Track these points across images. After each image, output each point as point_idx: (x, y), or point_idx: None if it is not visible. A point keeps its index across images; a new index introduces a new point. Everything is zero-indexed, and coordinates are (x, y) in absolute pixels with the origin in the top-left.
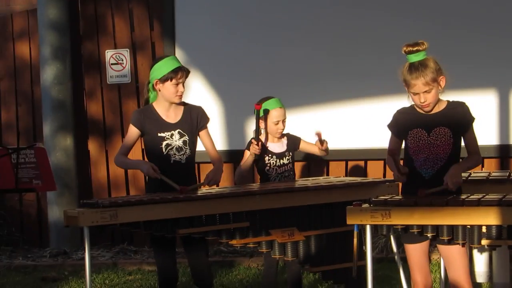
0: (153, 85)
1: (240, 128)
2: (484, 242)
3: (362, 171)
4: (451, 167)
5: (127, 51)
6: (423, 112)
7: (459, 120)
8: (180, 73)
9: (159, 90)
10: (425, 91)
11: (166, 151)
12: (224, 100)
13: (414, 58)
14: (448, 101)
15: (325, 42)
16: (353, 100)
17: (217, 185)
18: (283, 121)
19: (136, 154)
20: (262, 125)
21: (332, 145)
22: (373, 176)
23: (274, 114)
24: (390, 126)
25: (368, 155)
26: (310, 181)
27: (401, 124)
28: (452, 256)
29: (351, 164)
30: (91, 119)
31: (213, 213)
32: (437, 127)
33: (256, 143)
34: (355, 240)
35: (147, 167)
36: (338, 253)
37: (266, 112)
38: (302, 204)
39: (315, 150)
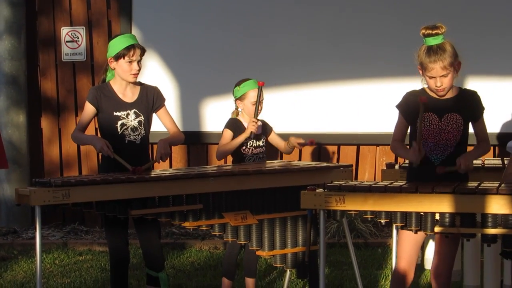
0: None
1: (195, 109)
2: (437, 229)
3: (316, 156)
4: (465, 153)
5: (83, 28)
6: (436, 96)
7: (471, 107)
8: (132, 50)
9: (114, 68)
10: (442, 75)
11: (121, 130)
12: (180, 81)
13: (433, 41)
14: (459, 88)
15: (284, 27)
16: (307, 84)
17: (170, 165)
18: (261, 102)
19: (89, 132)
20: (240, 105)
21: (286, 129)
22: (326, 160)
23: (252, 95)
24: (400, 107)
25: (322, 139)
26: (265, 165)
27: (412, 107)
28: (444, 243)
29: (305, 148)
30: (45, 96)
31: (166, 195)
32: (448, 113)
33: (255, 120)
34: (308, 224)
35: (100, 144)
36: (290, 237)
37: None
38: (256, 187)
39: (281, 145)
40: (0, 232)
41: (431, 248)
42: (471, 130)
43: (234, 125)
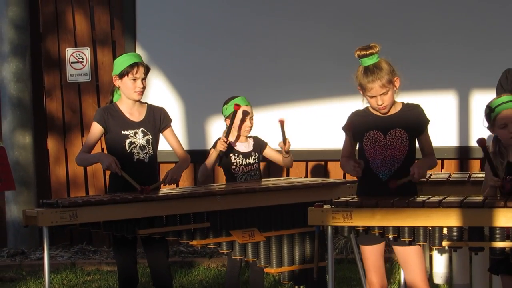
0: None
1: (200, 128)
2: (445, 243)
3: (322, 172)
4: (416, 161)
5: (87, 49)
6: (379, 114)
7: (414, 122)
8: (136, 68)
9: (119, 87)
10: (382, 94)
11: (130, 149)
12: (185, 99)
13: (368, 61)
14: (403, 103)
15: (290, 46)
16: (313, 101)
17: (177, 185)
18: (250, 119)
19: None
20: (228, 123)
21: (292, 146)
22: (333, 176)
23: (245, 111)
24: (345, 128)
25: (328, 155)
26: (271, 182)
27: (357, 126)
28: (408, 256)
29: (311, 164)
30: (51, 117)
31: (174, 214)
32: (393, 129)
33: (225, 140)
34: (316, 241)
35: (109, 160)
36: (298, 254)
37: (234, 113)
38: (263, 204)
39: (279, 158)
40: (8, 253)
41: (438, 261)
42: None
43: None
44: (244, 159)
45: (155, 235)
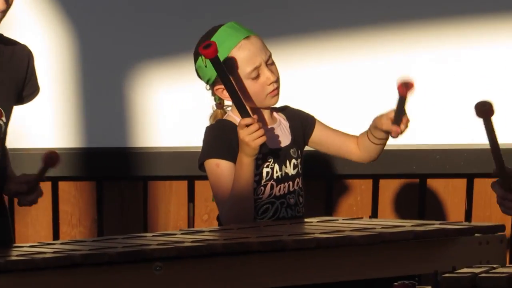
0: None
1: (118, 99)
2: None
3: (416, 202)
4: None
5: None
6: None
7: None
8: None
9: None
10: None
11: None
12: (91, 48)
13: None
14: None
15: None
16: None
17: (56, 235)
18: (273, 65)
19: None
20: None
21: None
22: (441, 215)
23: (246, 54)
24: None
25: (426, 166)
26: (300, 227)
27: None
28: None
29: (384, 184)
30: None
31: None
32: None
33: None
34: None
35: None
36: None
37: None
38: (272, 286)
39: (343, 141)
40: None
41: None
42: None
43: (228, 143)
44: (276, 166)
45: None
